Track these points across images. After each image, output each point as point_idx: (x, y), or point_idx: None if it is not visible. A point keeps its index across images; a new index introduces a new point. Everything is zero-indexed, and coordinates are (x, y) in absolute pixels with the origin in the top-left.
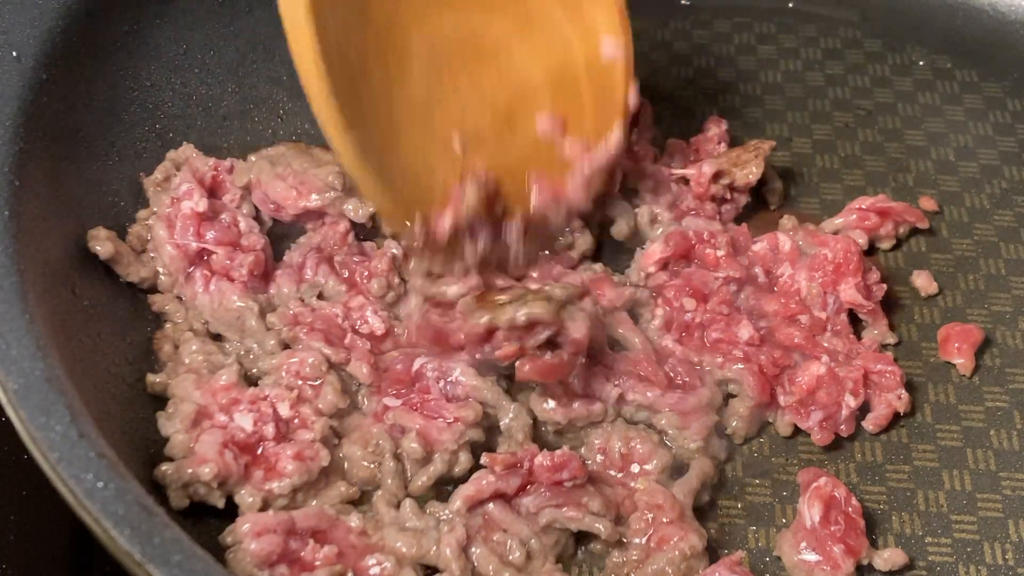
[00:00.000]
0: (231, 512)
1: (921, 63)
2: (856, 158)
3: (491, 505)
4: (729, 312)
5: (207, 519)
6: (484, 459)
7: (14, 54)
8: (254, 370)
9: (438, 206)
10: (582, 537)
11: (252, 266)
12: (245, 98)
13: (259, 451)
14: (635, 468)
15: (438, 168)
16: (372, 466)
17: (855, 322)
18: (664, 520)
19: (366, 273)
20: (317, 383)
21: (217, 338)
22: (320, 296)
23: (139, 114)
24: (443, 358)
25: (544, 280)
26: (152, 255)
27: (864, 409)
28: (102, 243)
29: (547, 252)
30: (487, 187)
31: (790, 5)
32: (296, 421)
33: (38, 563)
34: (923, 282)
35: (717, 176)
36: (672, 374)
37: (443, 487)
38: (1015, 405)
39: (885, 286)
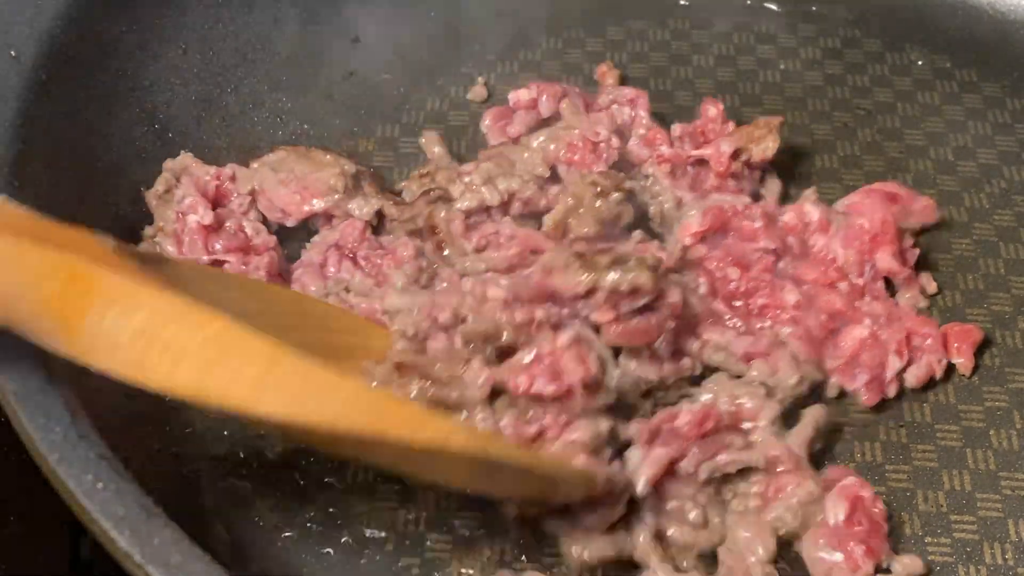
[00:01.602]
0: (230, 512)
1: (921, 63)
2: (856, 158)
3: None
4: (771, 279)
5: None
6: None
7: (13, 54)
8: None
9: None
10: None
11: (268, 267)
12: (245, 99)
13: None
14: (746, 425)
15: None
16: None
17: (887, 287)
18: (779, 470)
19: (392, 265)
20: None
21: None
22: (347, 291)
23: (139, 114)
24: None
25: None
26: None
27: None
28: None
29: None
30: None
31: (790, 6)
32: None
33: (38, 563)
34: (923, 282)
35: (735, 154)
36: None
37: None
38: (1015, 405)
39: (918, 250)
